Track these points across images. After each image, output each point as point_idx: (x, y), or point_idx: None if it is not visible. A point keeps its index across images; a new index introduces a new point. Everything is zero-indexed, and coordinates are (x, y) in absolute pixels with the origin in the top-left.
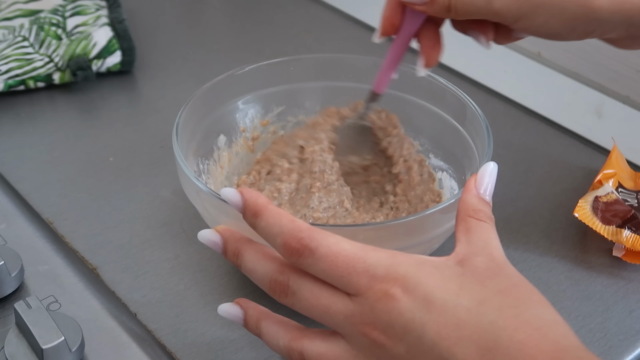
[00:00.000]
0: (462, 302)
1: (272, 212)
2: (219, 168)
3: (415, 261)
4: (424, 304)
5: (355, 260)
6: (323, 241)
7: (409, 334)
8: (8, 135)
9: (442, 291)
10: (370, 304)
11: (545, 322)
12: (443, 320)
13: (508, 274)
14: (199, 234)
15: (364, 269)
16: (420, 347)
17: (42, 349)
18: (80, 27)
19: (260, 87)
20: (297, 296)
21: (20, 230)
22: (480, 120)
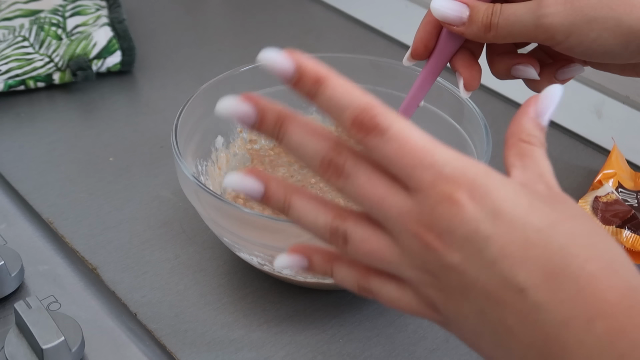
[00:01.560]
0: (532, 221)
1: (341, 81)
2: (217, 169)
3: (485, 169)
4: (491, 215)
5: (424, 152)
6: (396, 122)
7: (470, 244)
8: (8, 135)
9: (511, 205)
10: (431, 204)
11: (617, 257)
12: (509, 237)
13: (572, 204)
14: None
15: (430, 164)
16: (479, 260)
17: (42, 349)
18: (80, 27)
19: (258, 88)
20: (351, 179)
21: (20, 230)
22: (478, 118)
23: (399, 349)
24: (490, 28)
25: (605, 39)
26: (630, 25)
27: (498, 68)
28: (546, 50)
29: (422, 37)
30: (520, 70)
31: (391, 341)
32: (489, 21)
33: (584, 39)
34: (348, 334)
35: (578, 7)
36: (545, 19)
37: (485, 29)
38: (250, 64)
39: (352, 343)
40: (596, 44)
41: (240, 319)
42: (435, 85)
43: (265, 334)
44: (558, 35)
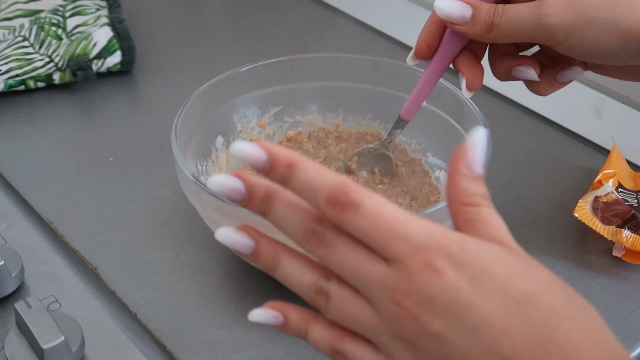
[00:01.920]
0: (511, 292)
1: (312, 164)
2: (217, 169)
3: (461, 236)
4: (471, 284)
5: (398, 223)
6: (368, 198)
7: (450, 313)
8: (8, 135)
9: (490, 274)
10: (409, 273)
11: (597, 327)
12: (490, 307)
13: (543, 268)
14: (210, 182)
15: (406, 234)
16: (460, 329)
17: (42, 349)
18: (81, 27)
19: (257, 88)
20: (332, 248)
21: (20, 230)
22: (478, 118)
23: None
24: (492, 27)
25: (604, 40)
26: (628, 27)
27: (499, 69)
28: (547, 52)
29: (426, 37)
30: (521, 71)
31: None
32: (491, 21)
33: (583, 39)
34: None
35: (578, 8)
36: (545, 19)
37: (487, 29)
38: (249, 65)
39: None
40: (595, 45)
41: (240, 319)
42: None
43: (265, 334)
44: (558, 35)
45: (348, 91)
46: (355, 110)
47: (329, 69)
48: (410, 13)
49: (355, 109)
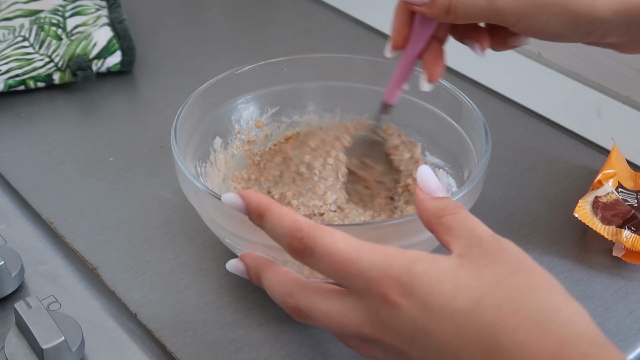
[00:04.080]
0: (459, 306)
1: (275, 212)
2: (215, 170)
3: (410, 259)
4: (422, 310)
5: (350, 263)
6: (320, 240)
7: (416, 341)
8: (8, 135)
9: (437, 295)
10: (374, 309)
11: (546, 313)
12: (443, 328)
13: (504, 258)
14: (227, 265)
15: (358, 272)
16: (429, 353)
17: (42, 349)
18: (81, 27)
19: (254, 89)
20: (311, 318)
21: (20, 230)
22: (477, 116)
23: None
24: (450, 11)
25: (554, 23)
26: (576, 10)
27: (454, 34)
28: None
29: (398, 27)
30: (469, 43)
31: None
32: (448, 3)
33: (534, 23)
34: None
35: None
36: (496, 3)
37: (445, 11)
38: (246, 65)
39: None
40: (546, 28)
41: (240, 319)
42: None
43: (265, 334)
44: (509, 18)
45: (345, 91)
46: (353, 110)
47: (325, 69)
48: None
49: (352, 109)
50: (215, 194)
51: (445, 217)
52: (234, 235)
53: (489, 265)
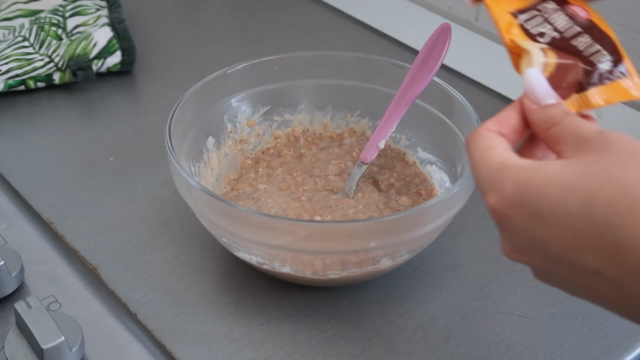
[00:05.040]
0: (570, 208)
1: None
2: (209, 170)
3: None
4: (534, 220)
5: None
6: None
7: (536, 251)
8: (8, 135)
9: (546, 201)
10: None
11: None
12: (559, 233)
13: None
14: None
15: (477, 183)
16: (551, 260)
17: (42, 349)
18: (81, 27)
19: (246, 88)
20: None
21: (20, 230)
22: (468, 112)
23: (399, 349)
24: None
25: None
26: None
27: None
28: None
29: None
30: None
31: (391, 341)
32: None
33: None
34: (348, 334)
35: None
36: None
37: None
38: (238, 65)
39: (352, 343)
40: None
41: (240, 319)
42: None
43: (265, 334)
44: None
45: (336, 89)
46: (344, 108)
47: (316, 67)
48: (410, 13)
49: (343, 106)
50: (209, 191)
51: (552, 128)
52: (230, 233)
53: (596, 161)
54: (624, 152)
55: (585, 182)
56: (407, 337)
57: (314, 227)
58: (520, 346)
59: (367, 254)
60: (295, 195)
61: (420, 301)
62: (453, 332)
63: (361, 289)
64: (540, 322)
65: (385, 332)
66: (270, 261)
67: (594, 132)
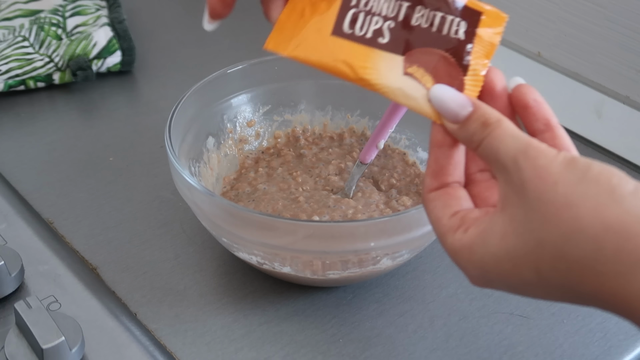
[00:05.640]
0: (527, 279)
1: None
2: (209, 170)
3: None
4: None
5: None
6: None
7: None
8: (8, 135)
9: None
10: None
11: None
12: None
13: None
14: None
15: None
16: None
17: (42, 349)
18: (80, 27)
19: (246, 88)
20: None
21: (20, 230)
22: None
23: (399, 349)
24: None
25: None
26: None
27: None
28: None
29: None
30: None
31: (391, 341)
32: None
33: None
34: (348, 334)
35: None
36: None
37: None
38: (237, 65)
39: (352, 343)
40: None
41: (240, 319)
42: None
43: (265, 334)
44: None
45: (336, 89)
46: (344, 108)
47: None
48: None
49: (343, 106)
50: (209, 191)
51: (478, 149)
52: (230, 233)
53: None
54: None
55: (525, 253)
56: (407, 337)
57: (314, 227)
58: (520, 346)
59: (367, 254)
60: (293, 196)
61: (420, 301)
62: (453, 332)
63: (361, 289)
64: (540, 322)
65: (385, 332)
66: (270, 261)
67: (510, 158)
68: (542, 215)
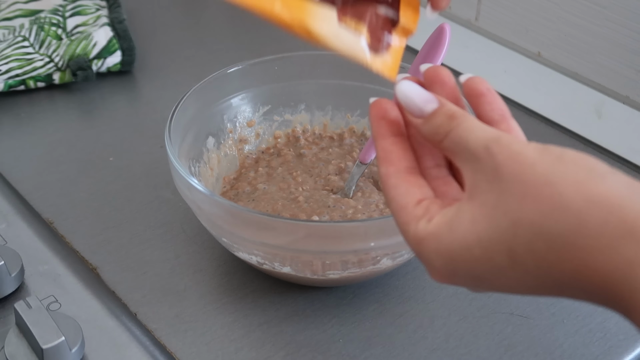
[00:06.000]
0: (499, 263)
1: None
2: (209, 170)
3: (432, 239)
4: (475, 281)
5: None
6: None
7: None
8: (8, 135)
9: (476, 265)
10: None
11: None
12: (502, 283)
13: (505, 182)
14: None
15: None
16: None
17: (42, 349)
18: (81, 27)
19: (246, 88)
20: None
21: (20, 230)
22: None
23: (399, 349)
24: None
25: None
26: None
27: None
28: None
29: None
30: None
31: (391, 341)
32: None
33: None
34: (348, 334)
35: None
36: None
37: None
38: (237, 65)
39: (352, 343)
40: None
41: (240, 319)
42: None
43: (265, 334)
44: None
45: (336, 89)
46: (344, 108)
47: (316, 67)
48: None
49: (343, 107)
50: (209, 191)
51: (443, 142)
52: (230, 233)
53: (495, 206)
54: (514, 183)
55: (499, 236)
56: (407, 337)
57: (313, 227)
58: (520, 346)
59: (367, 254)
60: (293, 196)
61: (420, 301)
62: (453, 332)
63: (361, 289)
64: (540, 322)
65: (385, 332)
66: (270, 261)
67: (481, 146)
68: (520, 194)
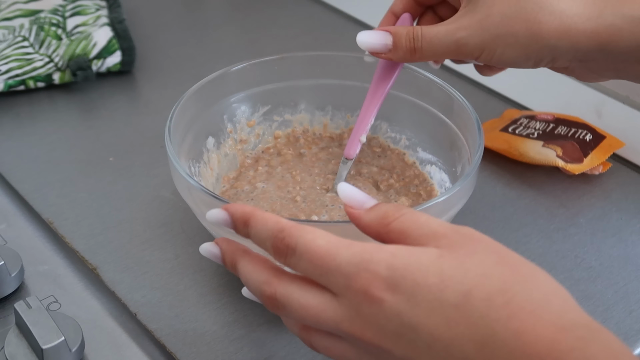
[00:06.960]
0: (447, 298)
1: (259, 217)
2: (209, 170)
3: (389, 253)
4: (409, 304)
5: (328, 258)
6: (300, 238)
7: (402, 336)
8: (8, 135)
9: (424, 289)
10: (354, 306)
11: (537, 301)
12: (432, 322)
13: (482, 249)
14: (201, 248)
15: (336, 268)
16: (417, 348)
17: (42, 349)
18: (80, 27)
19: (246, 88)
20: (287, 309)
21: (20, 230)
22: (469, 112)
23: None
24: (415, 51)
25: (509, 54)
26: (525, 39)
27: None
28: None
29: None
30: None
31: None
32: (412, 45)
33: (494, 54)
34: None
35: (485, 27)
36: (461, 40)
37: (410, 53)
38: (237, 64)
39: None
40: (504, 57)
41: (240, 319)
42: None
43: (265, 334)
44: (474, 52)
45: (336, 89)
46: (344, 108)
47: (316, 67)
48: None
49: (343, 107)
50: (209, 191)
51: (393, 223)
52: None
53: (469, 255)
54: (489, 251)
55: (462, 276)
56: None
57: None
58: None
59: None
60: (290, 195)
61: None
62: None
63: None
64: None
65: None
66: None
67: (447, 228)
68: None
